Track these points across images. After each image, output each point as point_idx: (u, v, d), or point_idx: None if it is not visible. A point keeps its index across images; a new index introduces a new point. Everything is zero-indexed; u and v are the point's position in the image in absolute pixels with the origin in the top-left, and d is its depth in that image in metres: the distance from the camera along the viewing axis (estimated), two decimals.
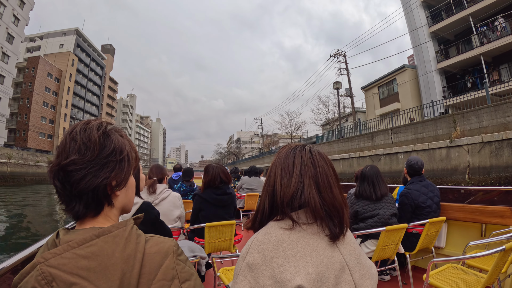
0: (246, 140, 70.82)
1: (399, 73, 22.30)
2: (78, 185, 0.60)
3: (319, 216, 0.76)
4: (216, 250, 2.79)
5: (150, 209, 1.79)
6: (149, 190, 2.51)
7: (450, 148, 10.27)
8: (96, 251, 0.56)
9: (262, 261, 0.69)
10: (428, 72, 20.23)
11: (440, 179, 10.71)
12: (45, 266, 0.53)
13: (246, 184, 5.86)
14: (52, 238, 0.61)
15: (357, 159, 14.42)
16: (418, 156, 3.42)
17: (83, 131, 0.63)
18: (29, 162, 29.59)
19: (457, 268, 2.08)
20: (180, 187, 4.52)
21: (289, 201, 0.77)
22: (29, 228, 9.64)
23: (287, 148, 0.87)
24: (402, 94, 22.04)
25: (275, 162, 0.85)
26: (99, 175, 0.62)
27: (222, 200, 2.77)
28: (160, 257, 0.61)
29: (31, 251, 1.35)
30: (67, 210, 0.63)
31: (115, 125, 0.74)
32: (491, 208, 2.68)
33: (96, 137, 0.63)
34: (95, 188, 0.61)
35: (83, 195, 0.61)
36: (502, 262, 1.54)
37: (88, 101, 56.50)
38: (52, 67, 44.86)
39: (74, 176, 0.60)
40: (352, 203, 2.67)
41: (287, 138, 47.08)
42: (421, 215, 2.75)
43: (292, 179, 0.79)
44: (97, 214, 0.64)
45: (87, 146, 0.62)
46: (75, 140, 0.62)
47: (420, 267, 3.08)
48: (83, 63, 54.27)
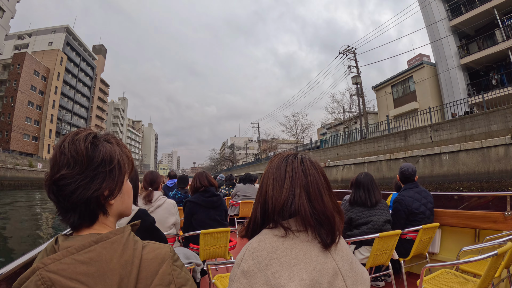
0: (240, 146, 68.95)
1: (417, 70, 20.75)
2: (70, 198, 0.61)
3: (309, 224, 0.77)
4: (211, 257, 2.80)
5: (145, 216, 1.80)
6: (145, 200, 2.52)
7: (510, 145, 8.57)
8: (95, 257, 0.57)
9: (257, 268, 0.70)
10: (450, 69, 18.73)
11: (497, 183, 8.96)
12: (45, 271, 0.54)
13: (241, 192, 5.82)
14: (51, 244, 0.62)
15: (387, 162, 12.57)
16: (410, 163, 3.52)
17: (71, 144, 0.64)
18: (7, 165, 26.83)
19: (451, 273, 2.12)
20: (175, 194, 4.51)
21: (280, 210, 0.78)
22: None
23: (279, 157, 0.88)
24: (420, 92, 20.46)
25: (268, 171, 0.86)
26: (90, 187, 0.62)
27: (212, 201, 2.90)
28: (157, 263, 0.62)
29: (29, 257, 1.35)
30: (63, 221, 0.64)
31: (106, 132, 0.76)
32: (484, 214, 2.71)
33: (83, 149, 0.63)
34: (87, 200, 0.62)
35: (76, 207, 0.62)
36: (495, 266, 1.56)
37: (77, 103, 53.76)
38: (39, 65, 42.11)
39: (65, 190, 0.61)
40: (346, 210, 2.67)
41: (288, 143, 44.47)
42: (415, 221, 2.76)
43: (283, 188, 0.80)
44: (92, 223, 0.65)
45: (76, 159, 0.62)
46: (64, 154, 0.63)
47: (414, 272, 3.06)
48: (72, 62, 51.54)
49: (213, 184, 2.95)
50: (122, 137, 79.30)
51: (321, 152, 18.45)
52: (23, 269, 1.25)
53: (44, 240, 8.00)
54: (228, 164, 68.10)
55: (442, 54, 19.41)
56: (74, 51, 52.41)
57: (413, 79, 20.98)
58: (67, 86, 50.00)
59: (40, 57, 44.01)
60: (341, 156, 16.09)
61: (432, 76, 20.01)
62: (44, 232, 9.53)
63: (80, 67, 54.23)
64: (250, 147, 70.83)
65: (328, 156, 17.31)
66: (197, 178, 2.95)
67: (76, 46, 53.04)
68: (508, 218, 2.55)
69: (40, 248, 1.46)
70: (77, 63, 53.21)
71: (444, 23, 19.45)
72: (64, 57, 47.58)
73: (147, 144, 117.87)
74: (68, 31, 51.25)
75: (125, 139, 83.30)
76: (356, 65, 21.66)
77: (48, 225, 10.83)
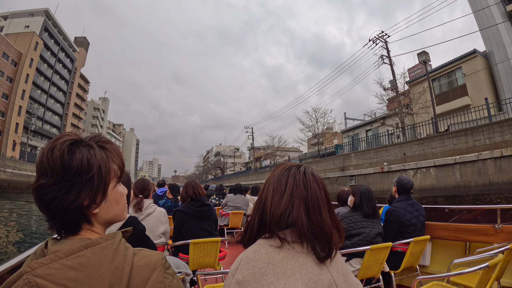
0: (227, 154, 64.94)
1: (467, 60, 17.82)
2: (50, 206, 0.60)
3: (305, 237, 0.77)
4: (200, 267, 2.79)
5: (136, 224, 1.79)
6: (135, 208, 2.49)
7: None
8: (84, 262, 0.55)
9: (252, 278, 0.69)
10: (510, 58, 16.00)
11: None
12: (31, 276, 0.52)
13: (231, 202, 5.76)
14: (41, 248, 0.60)
15: (495, 161, 8.79)
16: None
17: (50, 151, 0.61)
18: None
19: (442, 285, 2.10)
20: (165, 203, 4.45)
21: (278, 220, 0.78)
22: None
23: (282, 167, 0.88)
24: (472, 86, 17.56)
25: (269, 180, 0.86)
26: (67, 198, 0.60)
27: (202, 211, 2.88)
28: (148, 270, 0.61)
29: (18, 260, 1.33)
30: (50, 228, 0.62)
31: (96, 133, 0.73)
32: (474, 227, 2.72)
33: (57, 158, 0.60)
34: (66, 210, 0.60)
35: (57, 215, 0.61)
36: (486, 278, 1.59)
37: (52, 97, 47.50)
38: (9, 47, 36.08)
39: (45, 199, 0.60)
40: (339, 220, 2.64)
41: (294, 151, 40.00)
42: (406, 233, 2.75)
43: (282, 199, 0.80)
44: (75, 232, 0.63)
45: (52, 169, 0.60)
46: (43, 162, 0.61)
47: (405, 285, 3.04)
48: (49, 51, 45.64)
49: (202, 194, 2.93)
50: None
51: (372, 153, 13.82)
52: (12, 272, 1.12)
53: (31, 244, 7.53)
54: (216, 173, 64.17)
55: (499, 42, 16.79)
56: (52, 39, 46.46)
57: (462, 70, 18.09)
58: (41, 77, 43.98)
59: (13, 40, 38.12)
60: (409, 157, 11.96)
61: (486, 68, 17.24)
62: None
63: (58, 57, 48.13)
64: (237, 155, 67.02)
65: (384, 157, 13.18)
66: (187, 187, 2.93)
67: (55, 33, 47.00)
68: (499, 231, 2.57)
69: (30, 251, 1.40)
70: (55, 53, 47.06)
71: (499, 8, 16.95)
72: (40, 42, 41.41)
73: (128, 149, 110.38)
74: (48, 16, 45.26)
75: None
76: (388, 54, 18.53)
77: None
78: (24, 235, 9.72)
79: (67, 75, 51.72)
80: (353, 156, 15.02)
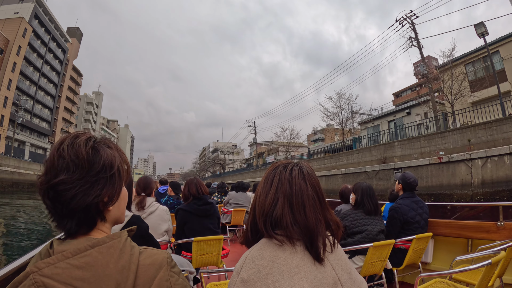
0: (224, 151, 62.36)
1: (505, 43, 16.16)
2: (69, 204, 0.59)
3: (292, 235, 0.77)
4: (203, 264, 2.79)
5: (139, 223, 1.78)
6: (138, 206, 2.50)
7: None
8: (91, 262, 0.56)
9: (257, 277, 0.69)
10: None
11: None
12: (38, 276, 0.52)
13: (233, 199, 5.76)
14: (46, 248, 0.60)
15: None
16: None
17: (70, 147, 0.61)
18: None
19: (444, 282, 2.11)
20: (167, 200, 4.43)
21: (265, 218, 0.79)
22: None
23: (272, 166, 0.90)
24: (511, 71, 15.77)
25: (262, 180, 0.88)
26: (90, 193, 0.60)
27: (205, 210, 2.85)
28: (154, 269, 0.61)
29: (23, 261, 1.33)
30: (59, 227, 0.62)
31: (104, 136, 0.73)
32: (477, 224, 2.73)
33: (84, 154, 0.61)
34: (87, 206, 0.60)
35: (74, 213, 0.60)
36: (488, 276, 1.59)
37: (42, 89, 44.33)
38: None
39: (64, 196, 0.59)
40: (341, 218, 2.65)
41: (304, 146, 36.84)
42: (409, 230, 2.75)
43: (267, 197, 0.81)
44: (89, 230, 0.64)
45: (76, 164, 0.60)
46: (63, 157, 0.60)
47: (408, 282, 3.04)
48: (40, 39, 42.49)
49: (205, 192, 2.90)
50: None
51: (424, 141, 11.57)
52: (17, 273, 1.20)
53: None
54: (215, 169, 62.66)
55: None
56: (43, 27, 43.29)
57: (500, 54, 16.40)
58: (31, 67, 40.90)
59: (0, 27, 35.56)
60: (473, 144, 9.91)
61: None
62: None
63: (49, 47, 44.85)
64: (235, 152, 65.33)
65: (439, 146, 10.87)
66: (190, 185, 2.89)
67: (46, 21, 43.84)
68: (501, 228, 2.57)
69: (35, 252, 1.42)
70: (46, 42, 43.86)
71: None
72: (29, 29, 38.45)
73: (122, 146, 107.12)
74: (38, 2, 42.40)
75: None
76: (416, 37, 17.18)
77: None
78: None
79: (58, 66, 48.61)
80: (397, 146, 12.77)
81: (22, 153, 39.42)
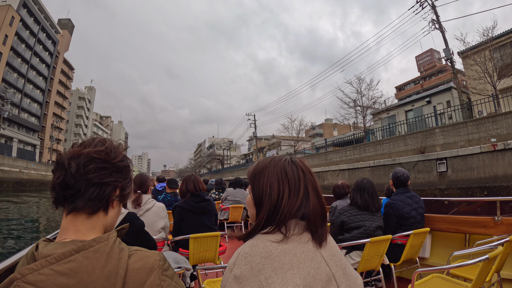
0: (220, 147, 61.26)
1: None
2: (93, 174, 0.63)
3: (290, 227, 0.78)
4: (200, 261, 2.80)
5: (135, 220, 1.77)
6: (134, 204, 2.49)
7: None
8: (75, 268, 0.54)
9: (250, 273, 0.69)
10: None
11: None
12: (22, 283, 0.51)
13: (231, 196, 5.80)
14: (32, 251, 0.59)
15: None
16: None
17: (111, 141, 0.73)
18: None
19: (442, 277, 2.12)
20: (164, 197, 4.44)
21: (272, 211, 0.79)
22: None
23: (263, 161, 0.90)
24: None
25: (258, 174, 0.87)
26: (114, 175, 0.67)
27: (202, 207, 2.86)
28: (144, 273, 0.59)
29: (11, 261, 1.32)
30: (60, 201, 0.63)
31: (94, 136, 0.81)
32: (474, 219, 2.73)
33: (123, 149, 0.72)
34: (104, 185, 0.65)
35: (90, 186, 0.62)
36: (486, 270, 1.60)
37: (31, 82, 42.10)
38: None
39: (90, 166, 0.63)
40: (339, 213, 2.68)
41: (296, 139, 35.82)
42: (406, 226, 2.76)
43: (273, 188, 0.81)
44: (92, 213, 0.64)
45: (115, 151, 0.69)
46: (104, 142, 0.70)
47: (405, 277, 3.07)
48: (28, 30, 40.34)
49: (203, 189, 2.91)
50: (87, 132, 65.72)
51: (472, 127, 9.99)
52: (5, 275, 1.21)
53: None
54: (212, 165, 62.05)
55: None
56: (32, 17, 40.98)
57: None
58: (18, 58, 38.68)
59: None
60: (501, 135, 8.90)
61: None
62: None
63: (38, 38, 42.70)
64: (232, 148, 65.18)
65: (490, 131, 9.47)
66: (187, 182, 2.89)
67: (35, 10, 41.51)
68: (498, 223, 2.58)
69: (22, 254, 1.41)
70: (35, 32, 41.68)
71: None
72: (17, 17, 36.16)
73: None
74: None
75: (90, 134, 64.45)
76: (438, 20, 15.55)
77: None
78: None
79: (48, 59, 46.34)
80: (439, 133, 10.97)
81: (10, 150, 37.66)
